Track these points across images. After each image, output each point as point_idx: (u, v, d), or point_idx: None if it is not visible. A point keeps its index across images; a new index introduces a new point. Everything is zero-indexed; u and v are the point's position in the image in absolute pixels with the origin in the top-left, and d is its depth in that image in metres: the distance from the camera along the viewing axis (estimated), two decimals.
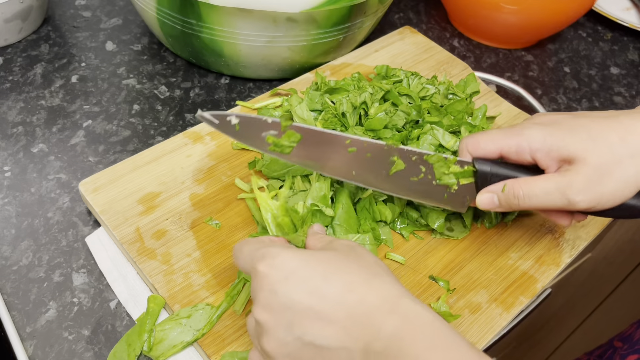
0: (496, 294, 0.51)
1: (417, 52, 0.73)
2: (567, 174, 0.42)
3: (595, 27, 0.89)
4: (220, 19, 0.59)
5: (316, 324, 0.34)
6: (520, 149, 0.44)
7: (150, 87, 0.68)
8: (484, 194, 0.46)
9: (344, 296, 0.34)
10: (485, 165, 0.45)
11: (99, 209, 0.51)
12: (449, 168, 0.47)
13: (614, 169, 0.41)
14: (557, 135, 0.43)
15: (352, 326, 0.33)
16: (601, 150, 0.41)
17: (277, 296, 0.34)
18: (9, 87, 0.65)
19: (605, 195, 0.42)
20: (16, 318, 0.47)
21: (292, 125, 0.45)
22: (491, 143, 0.45)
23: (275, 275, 0.35)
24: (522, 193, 0.44)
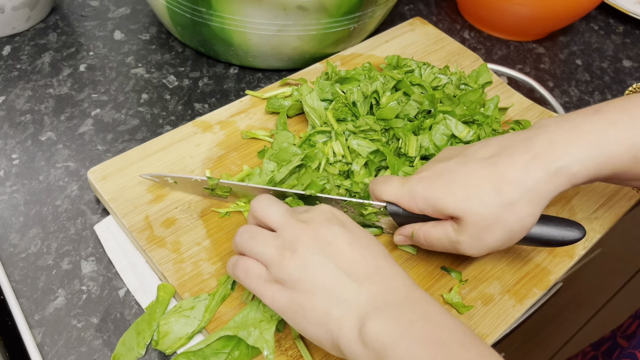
0: (509, 285, 0.50)
1: (428, 43, 0.72)
2: (457, 228, 0.43)
3: (607, 20, 0.88)
4: (231, 7, 0.59)
5: (346, 257, 0.38)
6: (408, 205, 0.45)
7: (159, 76, 0.67)
8: (397, 237, 0.49)
9: (377, 257, 0.39)
10: (398, 209, 0.47)
11: (107, 197, 0.51)
12: (367, 210, 0.48)
13: (494, 223, 0.42)
14: (436, 194, 0.44)
15: (375, 274, 0.38)
16: (477, 208, 0.42)
17: (321, 228, 0.39)
18: (17, 76, 0.65)
19: (494, 244, 0.43)
20: (24, 305, 0.47)
21: (220, 181, 0.49)
22: (391, 196, 0.46)
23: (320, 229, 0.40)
24: (424, 240, 0.46)
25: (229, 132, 0.58)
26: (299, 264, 0.38)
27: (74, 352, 0.44)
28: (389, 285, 0.38)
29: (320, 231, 0.39)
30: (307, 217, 0.41)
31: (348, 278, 0.37)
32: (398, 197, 0.46)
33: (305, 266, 0.38)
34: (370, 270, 0.38)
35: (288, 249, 0.39)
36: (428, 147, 0.53)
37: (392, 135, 0.55)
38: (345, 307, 0.37)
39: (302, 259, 0.38)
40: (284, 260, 0.39)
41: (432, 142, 0.54)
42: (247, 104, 0.61)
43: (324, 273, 0.38)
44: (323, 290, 0.37)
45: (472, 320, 0.47)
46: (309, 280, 0.38)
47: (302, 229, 0.39)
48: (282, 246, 0.39)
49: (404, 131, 0.54)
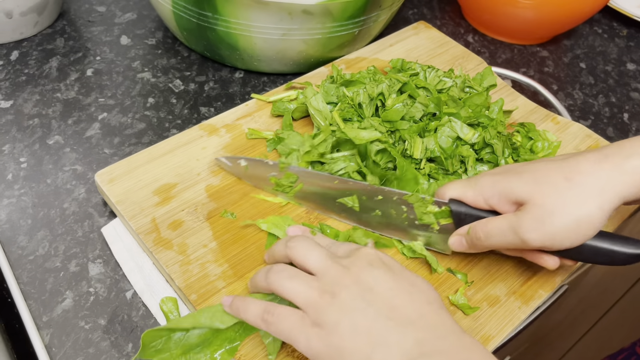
0: (515, 287, 0.50)
1: (432, 46, 0.73)
2: (519, 213, 0.43)
3: (610, 24, 0.88)
4: (236, 12, 0.59)
5: (390, 301, 0.37)
6: (474, 197, 0.46)
7: (165, 80, 0.68)
8: (454, 237, 0.48)
9: (422, 304, 0.38)
10: (460, 207, 0.47)
11: (115, 200, 0.51)
12: (427, 207, 0.48)
13: (562, 208, 0.42)
14: (504, 182, 0.45)
15: (420, 320, 0.37)
16: (546, 191, 0.42)
17: (364, 271, 0.39)
18: (24, 80, 0.65)
19: (557, 233, 0.42)
20: (32, 307, 0.47)
21: (290, 167, 0.51)
22: (454, 192, 0.47)
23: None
24: (482, 234, 0.45)
25: (234, 135, 0.58)
26: (339, 308, 0.37)
27: (82, 353, 0.44)
28: (436, 332, 0.36)
29: (361, 276, 0.38)
30: (349, 262, 0.40)
31: (391, 322, 0.36)
32: (463, 191, 0.46)
33: (346, 310, 0.37)
34: (414, 316, 0.37)
35: (329, 292, 0.38)
36: (433, 150, 0.54)
37: (399, 137, 0.55)
38: (387, 351, 0.35)
39: (343, 303, 0.37)
40: (324, 303, 0.37)
41: (437, 144, 0.54)
42: (253, 107, 0.62)
43: (366, 317, 0.36)
44: (364, 334, 0.36)
45: (478, 322, 0.47)
46: (349, 324, 0.36)
47: (343, 274, 0.39)
48: (322, 289, 0.38)
49: (410, 133, 0.54)
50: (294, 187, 0.52)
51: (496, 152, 0.54)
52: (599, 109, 0.73)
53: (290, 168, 0.52)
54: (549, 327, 1.11)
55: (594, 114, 0.72)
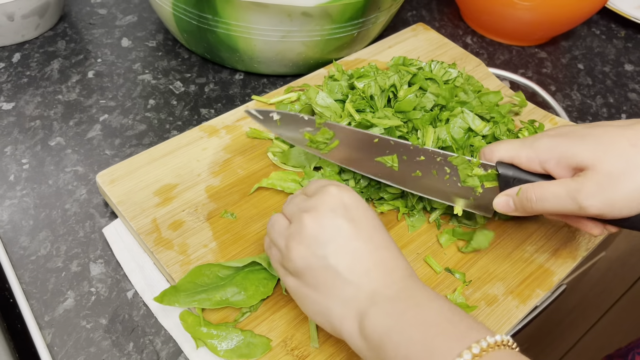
0: (512, 286, 0.50)
1: (431, 48, 0.73)
2: (578, 179, 0.42)
3: (608, 25, 0.89)
4: (236, 14, 0.60)
5: (347, 255, 0.38)
6: (529, 159, 0.45)
7: (166, 82, 0.68)
8: (500, 197, 0.47)
9: (378, 250, 0.39)
10: (508, 170, 0.46)
11: (116, 200, 0.52)
12: (472, 170, 0.47)
13: (627, 175, 0.40)
14: (565, 145, 0.43)
15: (374, 270, 0.38)
16: (611, 157, 0.41)
17: (324, 220, 0.39)
18: (26, 82, 0.66)
19: (618, 201, 0.41)
20: (34, 307, 0.47)
21: (326, 122, 0.49)
22: (505, 152, 0.46)
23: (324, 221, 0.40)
24: (535, 197, 0.44)
25: (234, 137, 0.59)
26: (301, 257, 0.39)
27: (83, 352, 0.45)
28: (386, 280, 0.38)
29: (323, 223, 0.39)
30: (312, 205, 0.40)
31: (348, 276, 0.38)
32: (517, 152, 0.45)
33: (307, 262, 0.39)
34: (370, 265, 0.38)
35: (293, 240, 0.40)
36: (445, 139, 0.54)
37: (412, 127, 0.56)
38: (344, 306, 0.38)
39: (304, 253, 0.39)
40: (289, 252, 0.40)
41: (449, 134, 0.54)
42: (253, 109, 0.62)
43: (325, 272, 0.38)
44: (324, 287, 0.39)
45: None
46: (310, 275, 0.39)
47: (305, 221, 0.40)
48: (288, 237, 0.40)
49: (422, 122, 0.55)
50: (329, 144, 0.51)
51: None
52: (596, 110, 0.73)
53: (326, 124, 0.50)
54: (549, 328, 1.11)
55: (592, 115, 0.72)
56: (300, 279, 0.40)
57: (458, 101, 0.57)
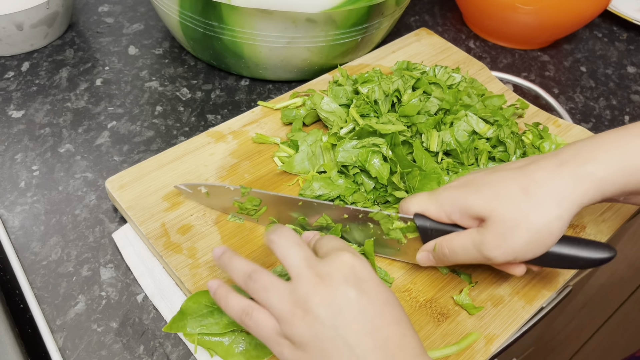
0: (518, 287, 0.51)
1: (434, 52, 0.74)
2: (481, 231, 0.43)
3: (610, 28, 0.89)
4: (241, 21, 0.61)
5: (356, 326, 0.37)
6: (437, 213, 0.46)
7: (172, 89, 0.69)
8: (421, 253, 0.49)
9: (389, 325, 0.38)
10: (425, 221, 0.47)
11: (125, 205, 0.52)
12: (393, 224, 0.48)
13: (521, 222, 0.42)
14: (463, 197, 0.45)
15: (382, 347, 0.37)
16: (505, 206, 0.42)
17: (338, 290, 0.38)
18: (35, 90, 0.67)
19: (519, 247, 0.42)
20: (46, 311, 0.48)
21: (251, 191, 0.51)
22: (417, 207, 0.47)
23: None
24: (447, 251, 0.46)
25: (241, 142, 0.60)
26: (308, 328, 0.37)
27: (95, 355, 0.46)
28: (397, 358, 0.37)
29: (334, 294, 0.38)
30: (326, 271, 0.39)
31: (356, 350, 0.37)
32: (426, 205, 0.46)
33: (315, 333, 0.37)
34: (379, 343, 0.37)
35: (300, 307, 0.38)
36: (450, 143, 0.55)
37: (416, 131, 0.56)
38: None
39: (313, 324, 0.37)
40: (295, 319, 0.38)
41: (453, 137, 0.55)
42: (259, 114, 0.63)
43: (333, 343, 0.37)
44: (332, 359, 0.37)
45: (483, 321, 0.48)
46: (318, 346, 0.37)
47: (316, 288, 0.38)
48: (294, 302, 0.38)
49: (426, 126, 0.55)
50: (258, 210, 0.52)
51: (508, 150, 0.55)
52: (600, 112, 0.73)
53: (252, 192, 0.51)
54: (555, 331, 1.11)
55: (595, 117, 0.73)
56: (304, 351, 0.38)
57: (462, 104, 0.58)
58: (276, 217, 0.52)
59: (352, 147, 0.54)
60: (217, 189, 0.52)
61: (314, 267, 0.39)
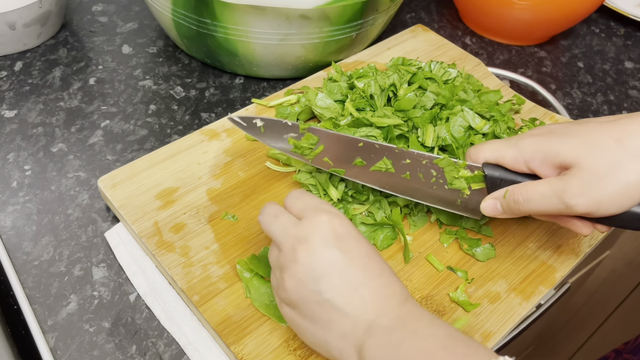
0: (515, 283, 0.50)
1: (430, 49, 0.73)
2: (564, 178, 0.41)
3: (607, 23, 0.89)
4: (235, 18, 0.60)
5: (341, 286, 0.37)
6: (514, 159, 0.44)
7: (166, 87, 0.69)
8: (487, 201, 0.46)
9: (373, 278, 0.38)
10: (495, 171, 0.45)
11: (117, 204, 0.52)
12: (459, 172, 0.47)
13: (612, 172, 0.40)
14: (548, 144, 0.43)
15: (369, 300, 0.37)
16: (595, 155, 0.40)
17: (317, 253, 0.38)
18: (28, 90, 0.66)
19: (604, 199, 0.40)
20: (37, 311, 0.47)
21: (310, 127, 0.48)
22: (490, 153, 0.46)
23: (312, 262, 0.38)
24: (522, 198, 0.43)
25: (235, 140, 0.59)
26: (295, 291, 0.38)
27: (87, 356, 0.45)
28: (382, 309, 0.37)
29: (316, 257, 0.38)
30: (304, 235, 0.39)
31: (344, 309, 0.37)
32: (501, 152, 0.44)
33: (301, 295, 0.38)
34: (366, 296, 0.37)
35: (286, 270, 0.39)
36: (445, 138, 0.54)
37: (412, 126, 0.56)
38: (343, 340, 0.37)
39: (299, 287, 0.38)
40: (283, 282, 0.39)
41: (449, 132, 0.54)
42: (253, 112, 0.62)
43: (321, 306, 0.38)
44: (320, 320, 0.38)
45: (479, 318, 0.47)
46: (306, 308, 0.38)
47: (299, 255, 0.38)
48: (282, 267, 0.39)
49: (422, 121, 0.55)
50: (314, 149, 0.50)
51: None
52: (597, 107, 0.73)
53: (310, 129, 0.49)
54: (555, 329, 1.11)
55: (592, 112, 0.72)
56: (296, 310, 0.39)
57: (458, 100, 0.57)
58: (332, 159, 0.50)
59: None
60: (273, 122, 0.50)
61: (291, 233, 0.39)
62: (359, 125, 0.55)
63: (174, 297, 0.48)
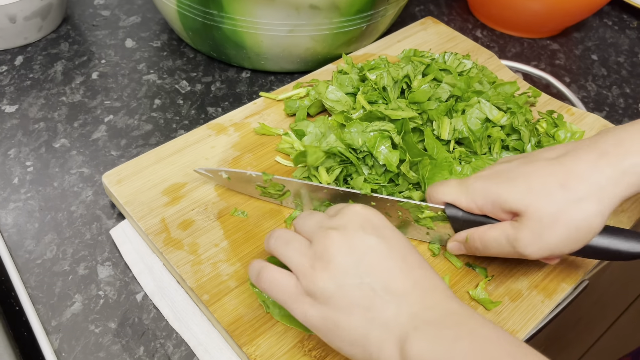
0: (537, 280, 0.48)
1: (441, 41, 0.71)
2: (515, 225, 0.41)
3: (620, 15, 0.87)
4: (242, 9, 0.58)
5: (382, 271, 0.35)
6: (468, 204, 0.44)
7: (171, 82, 0.67)
8: (451, 243, 0.47)
9: (413, 269, 0.36)
10: (457, 212, 0.45)
11: (123, 201, 0.50)
12: (423, 213, 0.47)
13: (559, 219, 0.40)
14: (496, 190, 0.42)
15: (411, 290, 0.35)
16: (542, 202, 0.40)
17: (355, 238, 0.36)
18: (29, 85, 0.64)
19: (557, 244, 0.40)
20: (41, 312, 0.46)
21: (274, 177, 0.48)
22: (448, 197, 0.45)
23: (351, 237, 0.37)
24: (480, 244, 0.44)
25: (243, 134, 0.57)
26: (332, 279, 0.35)
27: (92, 357, 0.43)
28: (426, 302, 0.35)
29: (353, 242, 0.36)
30: (339, 223, 0.38)
31: (386, 296, 0.35)
32: (457, 195, 0.44)
33: (340, 282, 0.35)
34: (408, 286, 0.35)
35: (319, 259, 0.36)
36: (462, 131, 0.52)
37: (427, 119, 0.54)
38: (384, 329, 0.34)
39: (336, 274, 0.35)
40: (316, 272, 0.36)
41: (466, 125, 0.53)
42: (261, 105, 0.61)
43: (361, 291, 0.35)
44: (360, 308, 0.35)
45: (501, 317, 0.46)
46: (342, 297, 0.35)
47: (333, 239, 0.36)
48: (314, 256, 0.36)
49: (437, 113, 0.53)
50: (282, 194, 0.50)
51: (523, 138, 0.53)
52: (613, 100, 0.71)
53: (274, 178, 0.49)
54: (567, 327, 1.09)
55: (608, 105, 0.70)
56: (328, 305, 0.35)
57: (473, 91, 0.55)
58: (301, 202, 0.50)
59: (362, 131, 0.51)
60: (238, 174, 0.50)
61: (328, 223, 0.38)
62: (371, 118, 0.53)
63: (182, 297, 0.47)
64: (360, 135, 0.52)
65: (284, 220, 0.50)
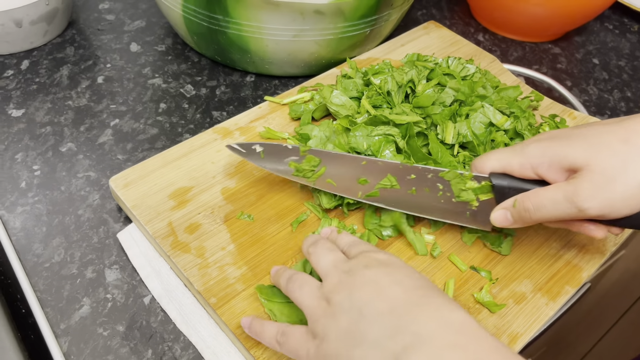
0: (541, 283, 0.49)
1: (444, 45, 0.72)
2: (573, 181, 0.40)
3: (621, 19, 0.87)
4: (247, 14, 0.59)
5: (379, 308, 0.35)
6: (521, 166, 0.43)
7: (176, 86, 0.67)
8: (497, 211, 0.45)
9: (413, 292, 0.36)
10: (503, 180, 0.44)
11: (130, 204, 0.50)
12: (466, 184, 0.45)
13: (622, 173, 0.38)
14: (554, 148, 0.42)
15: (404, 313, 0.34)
16: (604, 155, 0.39)
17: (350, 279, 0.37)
18: (35, 89, 0.65)
19: (617, 200, 0.39)
20: (49, 315, 0.46)
21: (311, 150, 0.47)
22: (496, 162, 0.44)
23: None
24: (532, 206, 0.42)
25: (248, 138, 0.58)
26: (330, 315, 0.36)
27: None
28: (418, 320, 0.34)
29: (355, 280, 0.37)
30: (350, 267, 0.38)
31: (373, 318, 0.34)
32: (508, 160, 0.43)
33: (334, 317, 0.36)
34: (399, 303, 0.35)
35: (324, 299, 0.37)
36: (466, 135, 0.53)
37: (431, 123, 0.54)
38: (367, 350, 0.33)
39: (333, 310, 0.36)
40: (320, 311, 0.37)
41: (470, 129, 0.53)
42: (266, 109, 0.61)
43: (349, 319, 0.35)
44: (346, 336, 0.35)
45: (505, 320, 0.46)
46: (335, 329, 0.35)
47: (340, 280, 0.37)
48: (320, 297, 0.37)
49: (441, 118, 0.53)
50: (315, 171, 0.49)
51: None
52: (614, 104, 0.72)
53: (311, 151, 0.48)
54: (568, 329, 1.09)
55: (610, 109, 0.71)
56: (326, 342, 0.35)
57: (477, 96, 0.56)
58: (335, 179, 0.49)
59: (367, 135, 0.51)
60: (273, 147, 0.49)
61: (340, 266, 0.39)
62: (376, 123, 0.53)
63: (190, 300, 0.47)
64: (364, 139, 0.52)
65: (290, 224, 0.51)
